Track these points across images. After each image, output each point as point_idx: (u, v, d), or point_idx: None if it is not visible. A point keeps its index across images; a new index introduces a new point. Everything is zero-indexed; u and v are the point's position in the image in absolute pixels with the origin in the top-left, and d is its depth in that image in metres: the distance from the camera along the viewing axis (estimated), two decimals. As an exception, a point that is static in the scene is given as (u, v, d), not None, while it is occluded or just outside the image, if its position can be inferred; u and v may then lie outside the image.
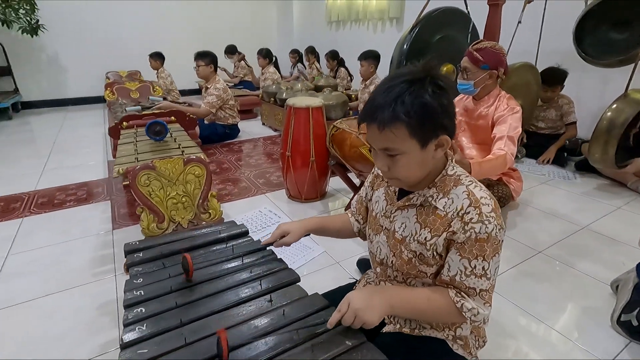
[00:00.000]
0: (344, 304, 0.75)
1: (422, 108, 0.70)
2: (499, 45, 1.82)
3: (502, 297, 1.41)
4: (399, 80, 0.71)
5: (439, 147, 0.76)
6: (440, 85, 0.73)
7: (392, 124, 0.69)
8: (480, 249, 0.75)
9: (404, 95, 0.69)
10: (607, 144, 2.04)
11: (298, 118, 2.00)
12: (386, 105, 0.69)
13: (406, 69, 0.74)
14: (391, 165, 0.75)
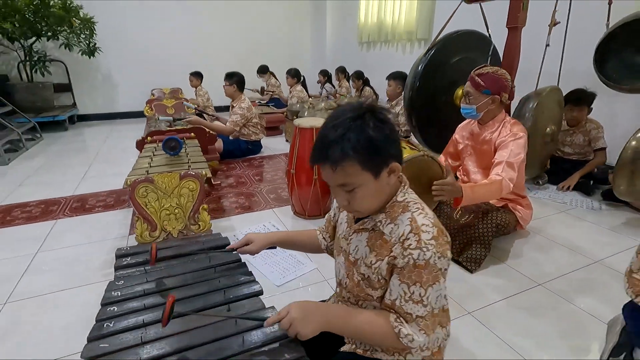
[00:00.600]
0: (285, 310, 0.80)
1: (368, 142, 0.75)
2: (502, 70, 1.81)
3: (487, 329, 1.36)
4: (342, 119, 0.75)
5: (391, 173, 0.81)
6: (380, 118, 0.78)
7: (343, 161, 0.73)
8: (418, 275, 0.77)
9: (349, 133, 0.73)
10: (633, 174, 1.91)
11: (303, 138, 2.09)
12: (334, 144, 0.73)
13: (347, 106, 0.79)
14: (350, 199, 0.79)
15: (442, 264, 0.78)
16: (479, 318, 1.41)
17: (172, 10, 6.34)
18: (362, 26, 6.01)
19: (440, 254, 0.77)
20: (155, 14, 6.21)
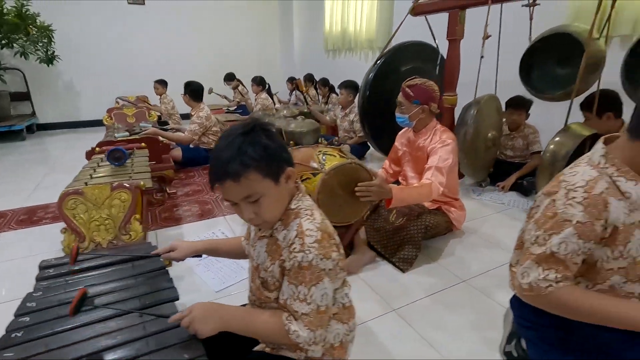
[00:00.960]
0: (188, 309, 0.86)
1: (265, 150, 0.82)
2: (430, 82, 1.94)
3: (408, 324, 1.46)
4: (234, 135, 0.82)
5: (288, 178, 0.88)
6: (268, 129, 0.87)
7: (245, 171, 0.78)
8: (302, 276, 0.84)
9: (244, 146, 0.79)
10: (552, 176, 2.05)
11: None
12: (232, 159, 0.78)
13: (236, 125, 0.87)
14: (257, 210, 0.84)
15: (325, 265, 0.85)
16: (402, 315, 1.51)
17: (137, 17, 6.31)
18: (327, 34, 6.14)
19: (323, 256, 0.85)
20: (119, 21, 6.15)
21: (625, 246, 0.80)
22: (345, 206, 1.67)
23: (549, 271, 0.81)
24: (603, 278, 0.84)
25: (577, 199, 0.80)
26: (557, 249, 0.81)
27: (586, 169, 0.84)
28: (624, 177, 0.79)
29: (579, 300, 0.80)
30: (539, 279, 0.81)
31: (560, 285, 0.80)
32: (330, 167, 1.58)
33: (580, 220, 0.79)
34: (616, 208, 0.78)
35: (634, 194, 0.78)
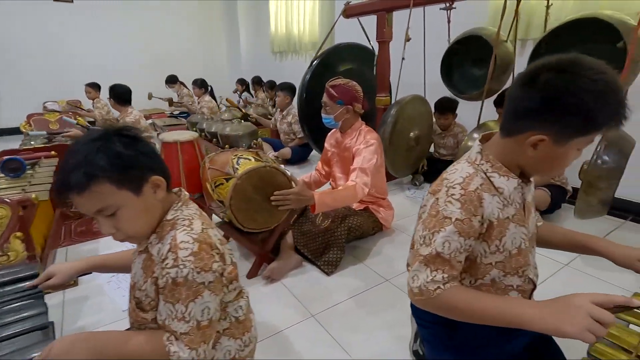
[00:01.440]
0: (48, 347, 0.76)
1: (119, 158, 0.74)
2: (352, 82, 1.93)
3: (324, 329, 1.43)
4: (82, 144, 0.74)
5: (156, 187, 0.80)
6: (128, 135, 0.78)
7: (91, 183, 0.70)
8: (178, 293, 0.77)
9: (91, 155, 0.71)
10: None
11: (168, 153, 2.02)
12: (76, 168, 0.70)
13: (86, 134, 0.78)
14: (116, 224, 0.76)
15: (203, 278, 0.79)
16: (320, 320, 1.48)
17: (65, 16, 5.85)
18: (273, 36, 6.07)
19: (201, 269, 0.78)
20: (45, 20, 5.67)
21: (500, 240, 0.81)
22: (263, 211, 1.61)
23: (436, 272, 0.79)
24: (483, 273, 0.85)
25: (455, 196, 0.79)
26: (441, 248, 0.79)
27: (464, 166, 0.84)
28: (497, 172, 0.80)
29: (464, 302, 0.77)
30: (427, 281, 0.79)
31: (448, 286, 0.78)
32: (243, 171, 1.52)
33: (459, 218, 0.78)
34: (490, 203, 0.78)
35: (506, 190, 0.80)
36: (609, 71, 0.66)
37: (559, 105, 0.67)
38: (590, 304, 0.60)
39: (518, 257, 0.85)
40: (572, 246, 0.98)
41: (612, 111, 0.64)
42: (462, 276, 0.88)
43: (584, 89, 0.65)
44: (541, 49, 1.93)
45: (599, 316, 0.58)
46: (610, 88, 0.64)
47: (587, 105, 0.64)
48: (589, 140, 0.70)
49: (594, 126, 0.66)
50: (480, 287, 0.88)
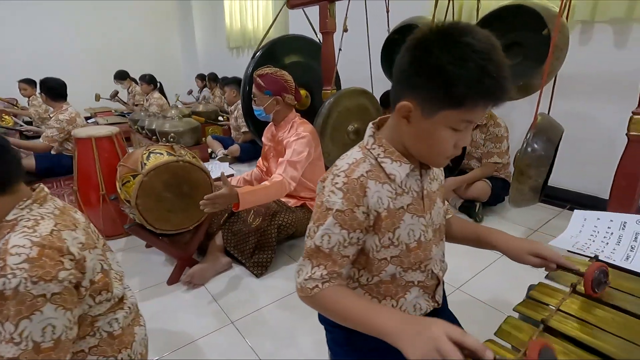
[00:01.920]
0: None
1: None
2: (281, 71, 1.82)
3: (242, 337, 1.31)
4: None
5: None
6: None
7: None
8: (6, 308, 0.65)
9: None
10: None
11: (82, 150, 1.84)
12: None
13: None
14: None
15: (42, 290, 0.66)
16: (239, 327, 1.36)
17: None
18: (229, 32, 5.87)
19: (39, 278, 0.66)
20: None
21: (394, 233, 0.73)
22: (178, 211, 1.47)
23: (317, 268, 0.71)
24: (378, 269, 0.76)
25: (338, 185, 0.70)
26: (320, 242, 0.71)
27: (355, 151, 0.75)
28: (390, 158, 0.72)
29: (334, 305, 0.70)
30: (305, 278, 0.71)
31: (326, 286, 0.70)
32: (150, 166, 1.37)
33: (339, 209, 0.69)
34: (376, 192, 0.69)
35: (398, 176, 0.71)
36: (484, 40, 0.58)
37: (422, 67, 0.60)
38: (443, 337, 0.52)
39: (417, 251, 0.76)
40: (472, 240, 0.93)
41: (472, 81, 0.56)
42: (359, 273, 0.79)
43: (447, 52, 0.57)
44: (474, 38, 1.89)
45: (446, 354, 0.51)
46: (476, 55, 0.56)
47: (446, 69, 0.57)
48: (462, 119, 0.62)
49: (456, 96, 0.58)
50: (379, 285, 0.79)
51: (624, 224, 1.02)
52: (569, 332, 0.67)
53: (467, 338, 0.52)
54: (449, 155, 0.68)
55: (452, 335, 0.53)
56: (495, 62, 0.57)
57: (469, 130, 0.66)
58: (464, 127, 0.64)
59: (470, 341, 0.52)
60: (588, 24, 2.22)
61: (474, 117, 0.62)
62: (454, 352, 0.51)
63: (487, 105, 0.60)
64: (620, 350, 0.62)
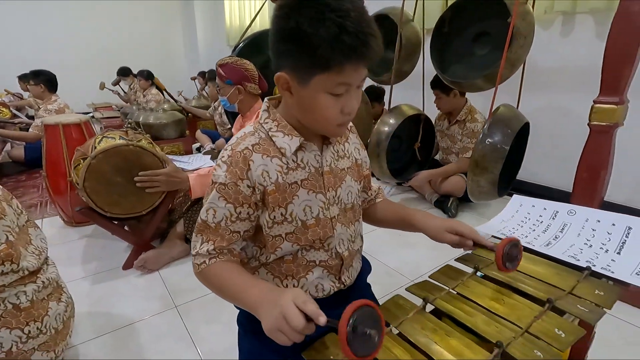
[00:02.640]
0: None
1: None
2: (242, 60, 1.82)
3: (180, 320, 1.31)
4: None
5: None
6: None
7: None
8: None
9: None
10: (379, 157, 2.07)
11: (50, 136, 1.87)
12: None
13: None
14: None
15: None
16: (181, 311, 1.37)
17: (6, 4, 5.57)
18: (228, 29, 5.93)
19: None
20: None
21: (286, 208, 0.71)
22: (129, 195, 1.48)
23: (206, 243, 0.70)
24: (273, 246, 0.74)
25: (224, 158, 0.69)
26: (205, 216, 0.70)
27: (248, 126, 0.74)
28: (282, 132, 0.70)
29: (217, 280, 0.69)
30: (193, 254, 0.70)
31: (212, 262, 0.69)
32: (99, 149, 1.38)
33: (222, 182, 0.68)
34: (261, 166, 0.68)
35: (288, 149, 0.69)
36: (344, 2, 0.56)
37: (284, 34, 0.59)
38: (289, 304, 0.52)
39: (315, 228, 0.74)
40: (398, 222, 0.89)
41: (330, 39, 0.54)
42: (261, 251, 0.78)
43: (304, 14, 0.56)
44: (444, 27, 1.86)
45: (289, 319, 0.50)
46: (333, 14, 0.54)
47: (304, 30, 0.55)
48: (336, 82, 0.59)
49: (320, 58, 0.56)
50: (280, 264, 0.77)
51: (556, 213, 0.97)
52: (450, 312, 0.65)
53: (307, 305, 0.51)
54: (339, 123, 0.65)
55: (296, 301, 0.52)
56: (353, 19, 0.54)
57: (352, 94, 0.63)
58: (345, 91, 0.61)
59: (309, 307, 0.51)
60: (569, 15, 2.15)
61: (348, 79, 0.60)
62: (297, 316, 0.50)
63: (355, 64, 0.58)
64: (494, 331, 0.59)
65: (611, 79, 1.32)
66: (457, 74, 1.88)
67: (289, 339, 0.51)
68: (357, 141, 0.86)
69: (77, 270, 1.62)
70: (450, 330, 0.60)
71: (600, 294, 0.68)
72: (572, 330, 0.58)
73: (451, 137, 2.32)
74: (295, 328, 0.50)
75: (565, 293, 0.68)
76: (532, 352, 0.55)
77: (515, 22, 1.51)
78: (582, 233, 0.88)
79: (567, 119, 2.20)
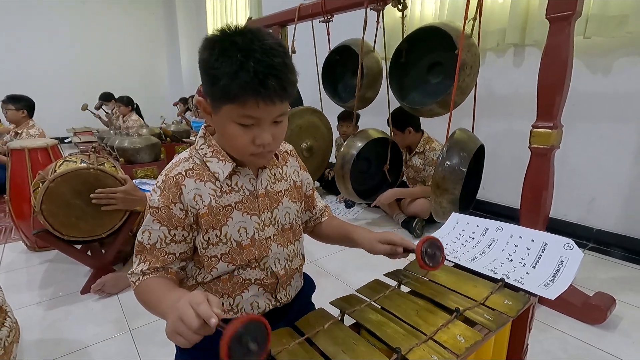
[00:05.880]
0: None
1: None
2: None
3: (133, 344, 1.30)
4: None
5: None
6: None
7: None
8: None
9: None
10: (344, 179, 2.14)
11: (15, 161, 1.88)
12: None
13: None
14: None
15: None
16: (135, 335, 1.35)
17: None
18: (211, 56, 6.08)
19: None
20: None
21: (220, 230, 0.74)
22: (87, 218, 1.48)
23: (142, 264, 0.72)
24: (209, 266, 0.77)
25: (159, 183, 0.73)
26: (141, 238, 0.72)
27: (184, 152, 0.79)
28: (217, 157, 0.75)
29: (143, 295, 0.70)
30: (129, 273, 0.72)
31: (144, 279, 0.71)
32: (58, 173, 1.40)
33: (156, 206, 0.71)
34: (193, 190, 0.72)
35: (221, 174, 0.74)
36: (254, 39, 0.61)
37: (200, 64, 0.65)
38: (186, 306, 0.52)
39: (250, 248, 0.77)
40: (343, 239, 0.93)
41: (230, 74, 0.59)
42: (199, 271, 0.80)
43: (214, 48, 0.62)
44: (401, 57, 1.98)
45: (184, 319, 0.50)
46: (238, 53, 0.59)
47: (210, 64, 0.61)
48: (241, 114, 0.63)
49: (223, 90, 0.61)
50: (217, 283, 0.79)
51: (486, 230, 1.03)
52: (366, 322, 0.68)
53: (200, 306, 0.51)
54: (252, 152, 0.68)
55: (192, 302, 0.52)
56: (256, 59, 0.59)
57: (263, 127, 0.66)
58: (255, 123, 0.65)
59: (202, 308, 0.50)
60: (519, 47, 2.32)
61: (252, 113, 0.63)
62: (191, 317, 0.50)
63: (255, 100, 0.61)
64: (401, 338, 0.63)
65: (545, 106, 1.43)
66: (415, 101, 2.00)
67: (185, 340, 0.51)
68: (297, 164, 0.90)
69: (33, 295, 1.59)
70: (359, 340, 0.63)
71: (509, 304, 0.73)
72: (471, 336, 0.63)
73: (414, 167, 2.43)
74: (190, 328, 0.50)
75: (477, 303, 0.73)
76: (429, 356, 0.58)
77: (461, 54, 1.63)
78: (505, 248, 0.94)
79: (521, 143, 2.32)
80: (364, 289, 0.81)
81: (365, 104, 2.28)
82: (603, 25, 1.80)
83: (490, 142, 2.10)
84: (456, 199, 1.70)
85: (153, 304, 0.67)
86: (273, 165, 0.82)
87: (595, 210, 2.12)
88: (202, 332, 0.50)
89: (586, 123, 2.06)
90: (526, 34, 2.23)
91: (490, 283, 0.80)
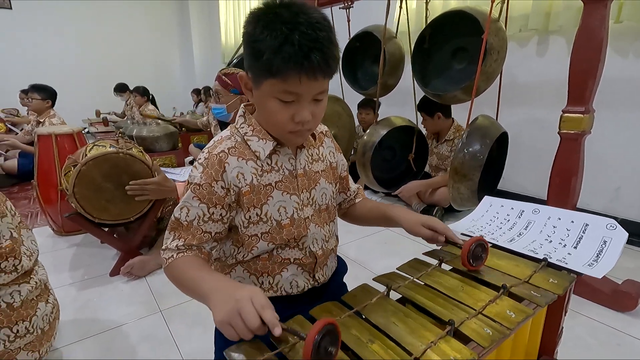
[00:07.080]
0: None
1: None
2: (246, 73, 1.89)
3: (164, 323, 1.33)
4: None
5: None
6: None
7: None
8: None
9: None
10: (364, 167, 2.13)
11: (43, 146, 1.92)
12: None
13: None
14: None
15: None
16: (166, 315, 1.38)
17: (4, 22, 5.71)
18: (224, 47, 6.09)
19: None
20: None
21: (261, 209, 0.74)
22: (117, 201, 1.51)
23: (177, 240, 0.71)
24: (249, 245, 0.77)
25: (200, 160, 0.73)
26: (178, 214, 0.72)
27: (225, 130, 0.79)
28: (257, 136, 0.74)
29: (178, 274, 0.68)
30: (163, 248, 0.71)
31: (179, 256, 0.69)
32: (89, 157, 1.43)
33: (198, 182, 0.71)
34: (236, 168, 0.71)
35: (262, 153, 0.74)
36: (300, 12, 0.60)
37: (244, 37, 0.65)
38: (248, 301, 0.51)
39: (290, 228, 0.76)
40: (379, 219, 0.92)
41: (274, 48, 0.58)
42: (238, 250, 0.80)
43: (258, 21, 0.61)
44: (424, 43, 1.96)
45: (245, 317, 0.50)
46: (283, 25, 0.58)
47: (255, 36, 0.61)
48: (282, 89, 0.63)
49: (265, 64, 0.60)
50: (256, 262, 0.79)
51: (522, 212, 1.03)
52: (412, 297, 0.69)
53: (265, 311, 0.51)
54: (291, 130, 0.67)
55: (254, 301, 0.52)
56: (301, 32, 0.58)
57: (302, 104, 0.65)
58: (295, 99, 0.64)
59: (267, 314, 0.51)
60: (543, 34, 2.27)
61: (294, 89, 0.62)
62: (254, 316, 0.50)
63: (298, 75, 0.59)
64: (450, 313, 0.63)
65: (577, 90, 1.40)
66: (438, 88, 1.97)
67: (238, 334, 0.50)
68: (332, 145, 0.90)
69: (65, 277, 1.64)
70: (409, 313, 0.64)
71: (554, 282, 0.72)
72: (522, 310, 0.63)
73: (439, 155, 2.40)
74: (250, 327, 0.49)
75: (522, 281, 0.73)
76: (482, 329, 0.59)
77: (488, 38, 1.60)
78: (543, 230, 0.93)
79: (544, 131, 2.29)
80: (404, 267, 0.82)
81: (386, 91, 2.26)
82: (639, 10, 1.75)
83: (511, 132, 2.06)
84: (475, 185, 1.68)
85: (189, 283, 0.65)
86: (310, 145, 0.82)
87: (620, 199, 2.09)
88: (258, 332, 0.50)
89: (613, 109, 2.02)
90: (550, 20, 2.18)
91: (532, 263, 0.80)
